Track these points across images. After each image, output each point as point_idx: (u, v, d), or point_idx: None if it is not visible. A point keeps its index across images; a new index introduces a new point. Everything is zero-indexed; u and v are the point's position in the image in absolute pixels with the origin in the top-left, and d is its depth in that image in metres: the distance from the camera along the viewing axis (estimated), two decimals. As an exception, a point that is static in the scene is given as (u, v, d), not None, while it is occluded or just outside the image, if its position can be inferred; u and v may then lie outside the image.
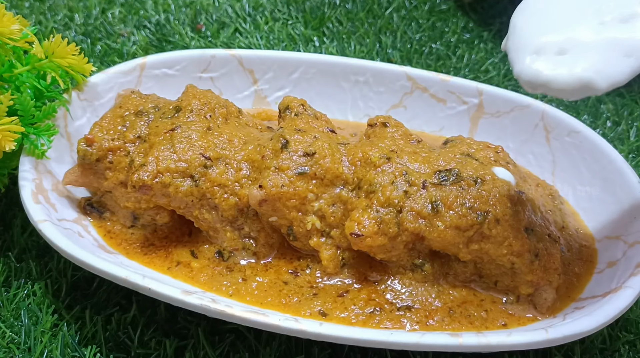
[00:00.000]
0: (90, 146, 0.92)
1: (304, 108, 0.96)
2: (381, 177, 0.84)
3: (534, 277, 0.82)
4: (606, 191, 0.98)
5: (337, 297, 0.86)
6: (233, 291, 0.86)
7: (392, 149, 0.88)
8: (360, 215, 0.82)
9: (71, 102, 1.02)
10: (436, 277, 0.87)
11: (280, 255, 0.91)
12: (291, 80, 1.17)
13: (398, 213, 0.82)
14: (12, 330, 0.86)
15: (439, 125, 1.14)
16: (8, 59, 0.95)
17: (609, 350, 0.87)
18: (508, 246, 0.82)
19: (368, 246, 0.83)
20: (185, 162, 0.87)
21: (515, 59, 0.69)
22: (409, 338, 0.75)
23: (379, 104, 1.16)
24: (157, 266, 0.89)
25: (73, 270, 0.93)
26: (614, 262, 0.89)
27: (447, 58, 1.43)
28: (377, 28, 1.52)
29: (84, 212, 0.95)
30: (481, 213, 0.81)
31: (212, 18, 1.53)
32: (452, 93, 1.12)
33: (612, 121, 1.27)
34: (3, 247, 0.97)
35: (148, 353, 0.84)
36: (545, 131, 1.07)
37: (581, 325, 0.76)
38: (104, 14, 1.53)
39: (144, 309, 0.89)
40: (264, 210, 0.86)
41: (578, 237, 0.95)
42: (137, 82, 1.11)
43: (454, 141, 0.94)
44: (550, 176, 1.06)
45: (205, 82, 1.15)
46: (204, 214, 0.88)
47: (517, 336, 0.75)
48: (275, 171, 0.85)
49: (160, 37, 1.45)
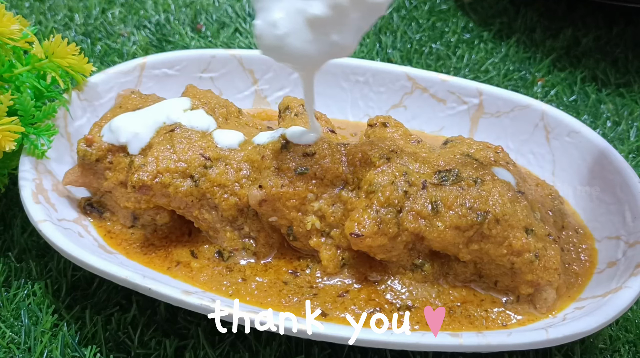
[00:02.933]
0: (90, 146, 0.92)
1: (304, 108, 0.96)
2: (381, 177, 0.84)
3: (534, 277, 0.82)
4: (606, 191, 0.98)
5: (337, 297, 0.86)
6: (233, 291, 0.86)
7: (392, 149, 0.88)
8: (360, 215, 0.82)
9: (71, 102, 1.02)
10: (436, 277, 0.87)
11: (280, 255, 0.91)
12: (291, 80, 1.17)
13: (398, 214, 0.82)
14: (12, 330, 0.86)
15: (439, 125, 1.14)
16: (8, 59, 0.95)
17: (609, 350, 0.87)
18: (508, 246, 0.82)
19: (368, 246, 0.83)
20: (185, 162, 0.87)
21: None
22: (409, 338, 0.75)
23: (379, 103, 1.16)
24: (157, 266, 0.89)
25: (73, 270, 0.93)
26: (614, 262, 0.89)
27: (447, 58, 1.43)
28: (377, 28, 1.52)
29: (84, 212, 0.95)
30: (481, 213, 0.81)
31: (212, 18, 1.53)
32: (452, 93, 1.12)
33: (612, 121, 1.27)
34: (3, 247, 0.97)
35: (148, 353, 0.84)
36: (545, 131, 1.07)
37: (581, 325, 0.76)
38: (104, 14, 1.53)
39: (144, 309, 0.89)
40: (264, 210, 0.85)
41: (578, 237, 0.95)
42: (137, 82, 1.11)
43: (454, 141, 0.94)
44: (550, 176, 1.06)
45: (205, 82, 1.15)
46: (203, 214, 0.88)
47: (517, 336, 0.75)
48: (275, 171, 0.85)
49: (160, 37, 1.45)
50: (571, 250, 0.93)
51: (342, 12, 0.69)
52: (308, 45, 0.71)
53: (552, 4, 1.61)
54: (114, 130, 0.91)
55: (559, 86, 1.35)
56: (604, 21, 1.55)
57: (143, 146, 0.90)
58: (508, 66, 1.41)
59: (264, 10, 0.72)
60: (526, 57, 1.44)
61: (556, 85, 1.36)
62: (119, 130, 0.90)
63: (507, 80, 1.37)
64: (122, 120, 0.92)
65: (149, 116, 0.92)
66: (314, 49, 0.72)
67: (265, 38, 0.72)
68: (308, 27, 0.70)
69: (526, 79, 1.38)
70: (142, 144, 0.90)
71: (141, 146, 0.90)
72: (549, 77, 1.39)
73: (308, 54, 0.72)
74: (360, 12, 0.70)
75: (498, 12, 1.58)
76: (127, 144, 0.90)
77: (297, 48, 0.71)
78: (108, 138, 0.91)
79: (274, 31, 0.71)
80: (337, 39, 0.72)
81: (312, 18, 0.69)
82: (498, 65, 1.41)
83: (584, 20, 1.56)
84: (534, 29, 1.53)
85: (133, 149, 0.90)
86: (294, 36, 0.71)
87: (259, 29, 0.72)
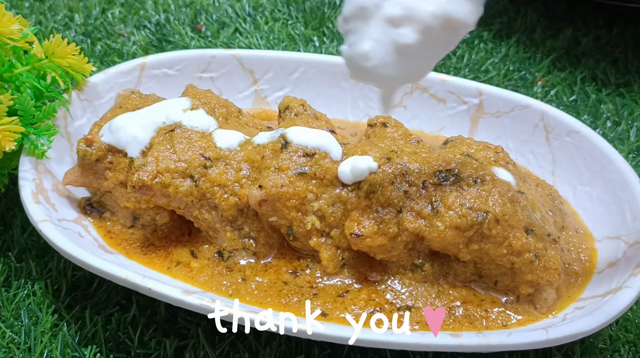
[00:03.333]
0: (90, 146, 0.92)
1: (304, 108, 0.96)
2: (381, 177, 0.84)
3: (534, 277, 0.82)
4: (606, 191, 0.98)
5: (337, 297, 0.86)
6: (233, 291, 0.86)
7: (392, 149, 0.88)
8: (360, 215, 0.82)
9: (71, 102, 1.02)
10: (436, 277, 0.87)
11: (280, 255, 0.91)
12: (291, 80, 1.17)
13: (398, 214, 0.82)
14: (12, 330, 0.86)
15: (439, 125, 1.14)
16: (8, 59, 0.95)
17: (609, 350, 0.87)
18: (508, 246, 0.82)
19: (368, 246, 0.83)
20: (185, 162, 0.87)
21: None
22: (409, 338, 0.75)
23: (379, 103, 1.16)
24: (157, 266, 0.89)
25: (73, 270, 0.93)
26: (614, 262, 0.89)
27: (447, 58, 1.43)
28: (377, 28, 1.51)
29: (84, 212, 0.95)
30: (481, 213, 0.81)
31: (212, 18, 1.53)
32: (452, 93, 1.12)
33: (612, 121, 1.27)
34: (3, 247, 0.97)
35: (148, 353, 0.84)
36: (545, 131, 1.07)
37: (581, 325, 0.76)
38: (104, 14, 1.53)
39: (144, 309, 0.89)
40: (264, 210, 0.85)
41: (578, 237, 0.95)
42: (137, 82, 1.11)
43: (454, 141, 0.94)
44: (550, 176, 1.06)
45: (205, 82, 1.15)
46: (203, 214, 0.88)
47: (517, 336, 0.75)
48: (275, 171, 0.85)
49: (160, 37, 1.45)
50: (571, 250, 0.92)
51: (432, 34, 0.68)
52: (396, 71, 0.70)
53: (552, 4, 1.61)
54: (113, 130, 0.91)
55: (559, 86, 1.35)
56: (604, 21, 1.55)
57: (143, 146, 0.90)
58: (508, 66, 1.41)
59: (351, 35, 0.70)
60: (526, 57, 1.44)
61: (556, 85, 1.36)
62: (119, 130, 0.90)
63: (507, 80, 1.37)
64: (122, 121, 0.92)
65: (149, 116, 0.92)
66: (402, 73, 0.71)
67: (354, 67, 0.72)
68: (397, 54, 0.69)
69: (526, 79, 1.38)
70: (141, 144, 0.90)
71: (141, 147, 0.90)
72: (549, 77, 1.39)
73: (396, 78, 0.71)
74: (448, 33, 0.68)
75: (498, 12, 1.58)
76: (126, 144, 0.90)
77: (387, 75, 0.71)
78: (107, 138, 0.91)
79: (365, 63, 0.70)
80: (422, 62, 0.71)
81: (403, 46, 0.68)
82: (498, 65, 1.41)
83: (584, 20, 1.56)
84: (534, 29, 1.53)
85: (133, 150, 0.90)
86: (384, 66, 0.70)
87: (348, 57, 0.71)
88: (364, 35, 0.69)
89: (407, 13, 0.66)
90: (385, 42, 0.68)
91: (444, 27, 0.67)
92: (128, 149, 0.90)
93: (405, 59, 0.69)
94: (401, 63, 0.70)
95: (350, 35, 0.70)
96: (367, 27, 0.69)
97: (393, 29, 0.67)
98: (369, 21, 0.68)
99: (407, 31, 0.67)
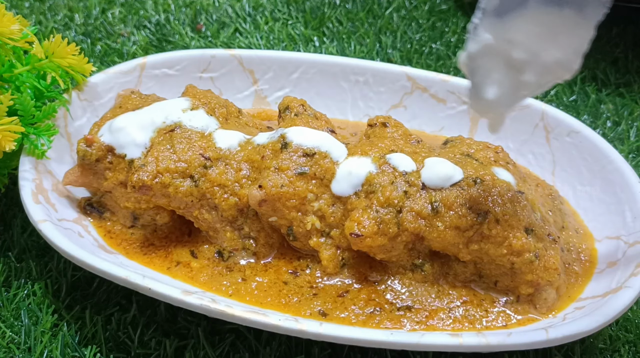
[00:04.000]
0: (90, 146, 0.92)
1: (304, 108, 0.96)
2: (381, 177, 0.84)
3: (534, 277, 0.82)
4: (606, 191, 0.98)
5: (337, 297, 0.86)
6: (233, 291, 0.86)
7: (392, 149, 0.88)
8: (360, 215, 0.82)
9: (71, 102, 1.02)
10: (436, 277, 0.87)
11: (280, 255, 0.91)
12: (291, 80, 1.17)
13: (398, 214, 0.82)
14: (12, 330, 0.86)
15: (439, 125, 1.14)
16: (8, 59, 0.95)
17: (609, 350, 0.87)
18: (508, 246, 0.82)
19: (368, 246, 0.83)
20: (185, 163, 0.87)
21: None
22: (409, 338, 0.75)
23: (379, 103, 1.16)
24: (157, 266, 0.89)
25: (73, 270, 0.93)
26: (614, 262, 0.89)
27: (447, 58, 1.43)
28: (377, 28, 1.52)
29: (84, 212, 0.95)
30: (481, 213, 0.81)
31: (212, 18, 1.53)
32: (452, 93, 1.12)
33: (612, 121, 1.27)
34: (3, 247, 0.97)
35: (148, 353, 0.84)
36: (545, 131, 1.07)
37: (581, 325, 0.76)
38: (104, 14, 1.53)
39: (144, 309, 0.89)
40: (264, 210, 0.86)
41: (578, 236, 0.95)
42: (137, 82, 1.11)
43: (454, 141, 0.94)
44: (550, 176, 1.06)
45: (205, 82, 1.15)
46: (203, 214, 0.88)
47: (517, 336, 0.75)
48: (275, 171, 0.85)
49: (160, 37, 1.46)
50: (571, 250, 0.92)
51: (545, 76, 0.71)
52: (512, 106, 0.74)
53: (552, 4, 1.61)
54: (113, 131, 0.91)
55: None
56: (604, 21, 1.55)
57: (143, 147, 0.90)
58: (508, 66, 1.41)
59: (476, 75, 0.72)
60: (526, 57, 1.44)
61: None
62: (119, 131, 0.90)
63: (507, 80, 1.37)
64: (122, 121, 0.92)
65: (149, 116, 0.92)
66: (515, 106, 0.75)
67: (479, 108, 0.75)
68: (516, 95, 0.73)
69: (526, 79, 1.38)
70: (141, 144, 0.90)
71: (141, 147, 0.90)
72: (549, 77, 1.39)
73: (511, 108, 0.75)
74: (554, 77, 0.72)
75: (498, 12, 1.58)
76: (126, 144, 0.90)
77: (505, 111, 0.75)
78: (107, 138, 0.91)
79: (492, 107, 0.73)
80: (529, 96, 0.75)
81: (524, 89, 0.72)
82: (498, 65, 1.41)
83: (584, 20, 1.55)
84: (534, 29, 1.52)
85: (133, 150, 0.90)
86: (506, 106, 0.74)
87: (474, 101, 0.74)
88: (490, 79, 0.72)
89: (532, 58, 0.69)
90: (508, 86, 0.72)
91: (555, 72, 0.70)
92: (128, 149, 0.90)
93: (522, 98, 0.73)
94: (517, 101, 0.74)
95: (475, 74, 0.73)
96: (492, 68, 0.71)
97: (516, 74, 0.70)
98: (493, 62, 0.71)
99: (530, 76, 0.70)
